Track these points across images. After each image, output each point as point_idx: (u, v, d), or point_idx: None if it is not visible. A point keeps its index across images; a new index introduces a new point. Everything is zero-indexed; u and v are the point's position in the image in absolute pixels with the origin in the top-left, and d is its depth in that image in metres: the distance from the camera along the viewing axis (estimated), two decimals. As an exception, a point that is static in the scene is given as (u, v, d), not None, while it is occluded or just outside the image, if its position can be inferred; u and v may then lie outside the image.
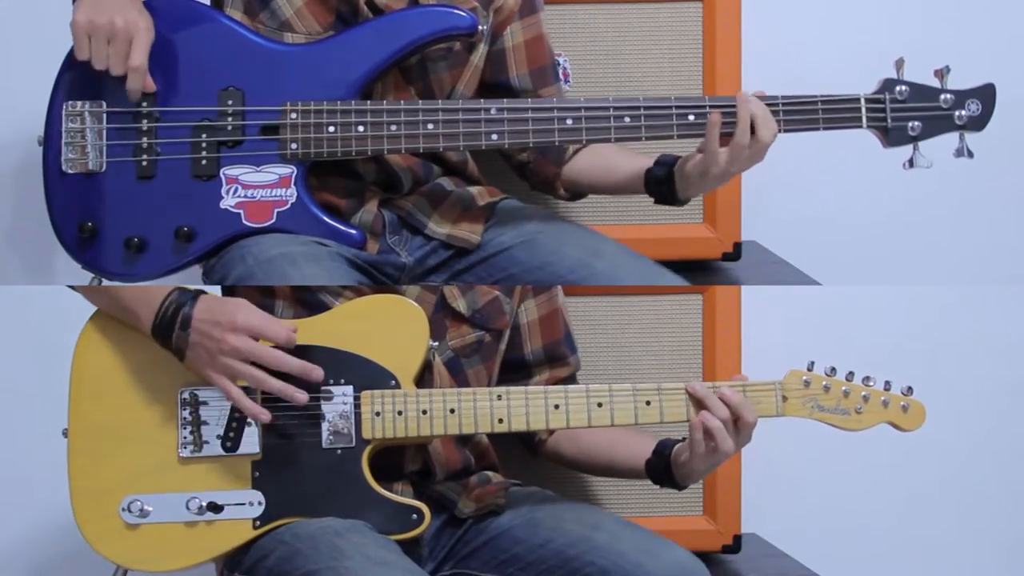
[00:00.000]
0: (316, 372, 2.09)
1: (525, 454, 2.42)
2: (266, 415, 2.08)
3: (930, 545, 3.04)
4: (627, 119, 2.21)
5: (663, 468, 2.21)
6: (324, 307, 2.17)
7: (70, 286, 2.21)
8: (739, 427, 2.12)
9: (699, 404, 2.13)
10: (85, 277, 2.25)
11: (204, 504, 2.10)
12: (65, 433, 2.13)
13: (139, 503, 2.10)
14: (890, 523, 3.02)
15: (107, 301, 2.16)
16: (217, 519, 2.10)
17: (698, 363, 2.62)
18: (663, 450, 2.21)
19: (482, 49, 2.35)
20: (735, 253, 2.73)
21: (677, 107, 2.21)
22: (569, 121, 2.21)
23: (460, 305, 2.23)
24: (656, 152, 2.31)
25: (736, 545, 2.65)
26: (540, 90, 2.40)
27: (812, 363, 2.16)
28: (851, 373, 2.17)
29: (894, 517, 3.03)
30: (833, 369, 2.16)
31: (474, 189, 2.38)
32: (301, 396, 2.08)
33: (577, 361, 2.39)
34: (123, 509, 2.10)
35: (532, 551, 2.17)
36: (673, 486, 2.22)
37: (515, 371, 2.34)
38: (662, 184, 2.28)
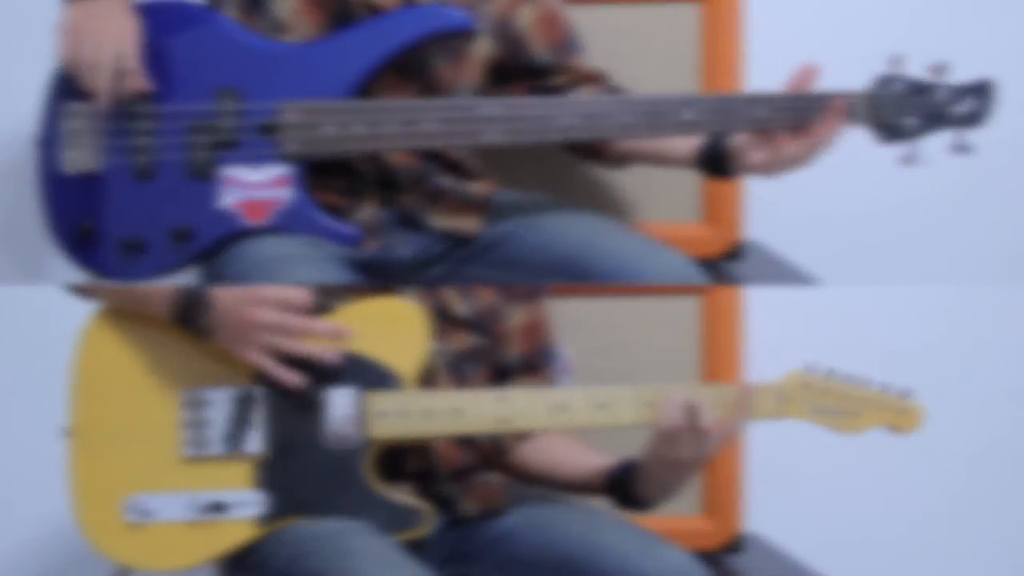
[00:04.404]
0: (345, 331, 2.11)
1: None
2: (300, 381, 2.09)
3: (940, 549, 3.03)
4: (627, 117, 2.22)
5: (627, 473, 2.18)
6: (326, 309, 2.16)
7: (72, 286, 2.20)
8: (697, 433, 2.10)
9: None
10: (79, 278, 2.25)
11: (207, 504, 2.10)
12: (65, 432, 2.13)
13: (141, 502, 2.10)
14: (894, 523, 3.02)
15: (114, 294, 2.16)
16: (220, 519, 2.10)
17: (696, 365, 2.62)
18: (628, 460, 2.20)
19: (484, 41, 2.35)
20: (735, 253, 2.72)
21: (675, 105, 2.22)
22: (568, 119, 2.22)
23: (460, 310, 2.23)
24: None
25: (736, 545, 2.65)
26: (566, 61, 2.41)
27: (810, 365, 2.16)
28: (849, 376, 2.17)
29: (899, 518, 3.02)
30: (831, 371, 2.16)
31: (472, 184, 2.38)
32: (330, 356, 2.09)
33: (554, 373, 2.37)
34: (125, 508, 2.10)
35: (534, 553, 2.16)
36: (632, 499, 2.19)
37: (495, 375, 2.31)
38: (712, 163, 2.31)
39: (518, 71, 2.40)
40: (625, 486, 2.18)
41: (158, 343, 2.14)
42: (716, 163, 2.31)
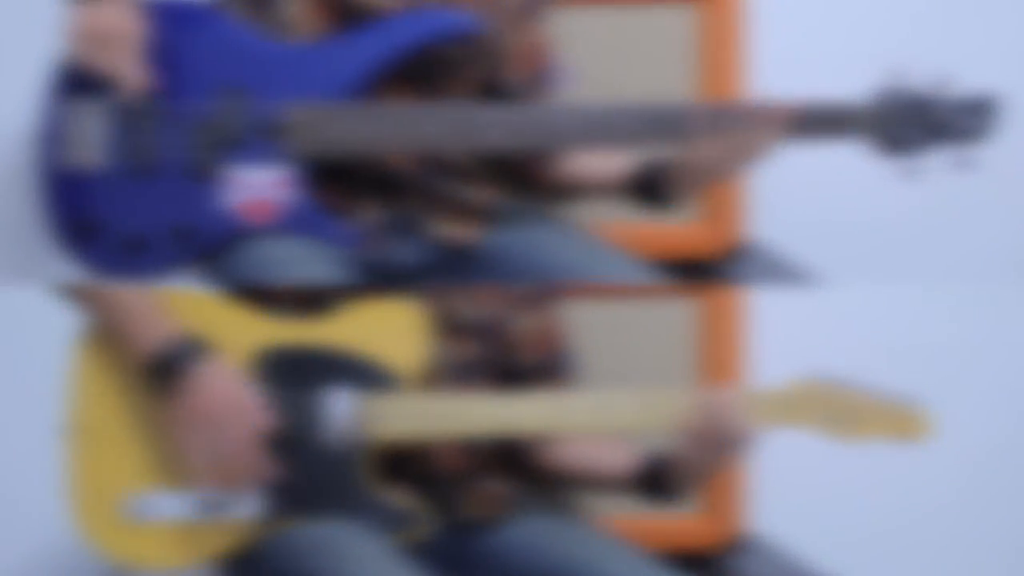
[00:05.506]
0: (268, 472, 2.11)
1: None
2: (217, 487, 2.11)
3: (945, 548, 3.03)
4: (629, 124, 2.21)
5: (657, 468, 2.19)
6: (326, 309, 2.17)
7: (61, 288, 2.18)
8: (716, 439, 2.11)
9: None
10: (77, 278, 2.24)
11: (205, 503, 2.10)
12: (61, 429, 2.13)
13: (139, 501, 2.10)
14: (897, 523, 3.02)
15: (98, 313, 2.13)
16: (218, 518, 2.10)
17: (697, 368, 2.62)
18: (656, 456, 2.20)
19: (486, 54, 2.35)
20: (735, 253, 2.72)
21: (676, 112, 2.21)
22: (570, 125, 2.22)
23: (466, 316, 2.23)
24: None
25: (736, 546, 2.65)
26: (536, 93, 2.39)
27: (815, 371, 2.16)
28: (855, 382, 2.16)
29: (902, 517, 3.02)
30: (836, 378, 2.15)
31: (474, 191, 2.37)
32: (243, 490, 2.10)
33: (566, 384, 2.34)
34: (123, 507, 2.10)
35: (532, 570, 2.17)
36: (663, 487, 2.19)
37: (503, 379, 2.30)
38: (647, 189, 2.30)
39: (489, 88, 2.37)
40: (656, 482, 2.18)
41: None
42: (650, 188, 2.30)
